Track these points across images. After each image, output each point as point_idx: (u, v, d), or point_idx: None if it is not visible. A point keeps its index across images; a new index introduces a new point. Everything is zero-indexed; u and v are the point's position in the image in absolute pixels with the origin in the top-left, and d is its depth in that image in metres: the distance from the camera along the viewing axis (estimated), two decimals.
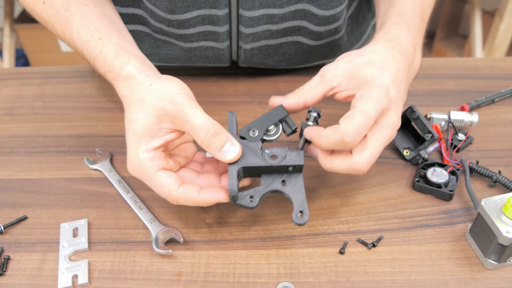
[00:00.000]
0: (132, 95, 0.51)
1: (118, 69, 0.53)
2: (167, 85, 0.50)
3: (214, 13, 0.66)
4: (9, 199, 0.60)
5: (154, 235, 0.54)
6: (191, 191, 0.49)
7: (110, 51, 0.54)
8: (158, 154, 0.50)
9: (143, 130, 0.49)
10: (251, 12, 0.66)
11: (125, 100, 0.53)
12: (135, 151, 0.50)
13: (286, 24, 0.69)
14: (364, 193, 0.60)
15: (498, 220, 0.49)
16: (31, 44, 2.10)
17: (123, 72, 0.53)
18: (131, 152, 0.50)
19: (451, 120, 0.67)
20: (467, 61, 0.84)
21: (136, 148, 0.50)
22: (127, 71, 0.52)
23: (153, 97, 0.49)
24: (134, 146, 0.50)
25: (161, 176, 0.49)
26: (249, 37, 0.69)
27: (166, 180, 0.49)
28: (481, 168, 0.61)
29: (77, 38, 0.57)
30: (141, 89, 0.51)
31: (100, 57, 0.54)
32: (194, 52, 0.73)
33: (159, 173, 0.49)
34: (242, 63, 0.76)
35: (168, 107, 0.48)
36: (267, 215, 0.57)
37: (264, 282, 0.51)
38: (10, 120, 0.72)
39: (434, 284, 0.50)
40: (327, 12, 0.68)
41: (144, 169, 0.49)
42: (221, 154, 0.49)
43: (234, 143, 0.49)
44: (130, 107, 0.51)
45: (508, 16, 1.78)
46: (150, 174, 0.49)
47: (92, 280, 0.51)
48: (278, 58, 0.75)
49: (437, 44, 2.44)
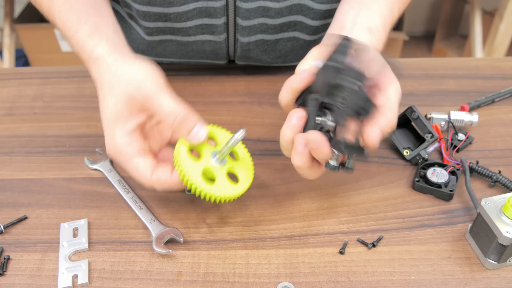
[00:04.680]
0: (102, 78, 0.52)
1: (89, 50, 0.54)
2: (134, 71, 0.51)
3: (211, 5, 0.67)
4: (9, 199, 0.60)
5: (154, 235, 0.54)
6: (164, 173, 0.50)
7: (84, 32, 0.55)
8: (135, 137, 0.51)
9: (116, 115, 0.50)
10: (248, 4, 0.67)
11: (96, 82, 0.53)
12: (112, 136, 0.51)
13: (283, 19, 0.70)
14: (364, 193, 0.60)
15: (498, 220, 0.49)
16: (31, 44, 2.10)
17: (93, 54, 0.53)
18: (108, 136, 0.51)
19: (451, 120, 0.67)
20: (467, 61, 0.84)
21: (112, 132, 0.51)
22: (97, 53, 0.53)
23: (120, 82, 0.50)
24: (110, 130, 0.51)
25: (137, 162, 0.50)
26: (245, 30, 0.70)
27: (141, 166, 0.50)
28: (481, 168, 0.61)
29: (58, 18, 0.58)
30: (109, 73, 0.51)
31: (75, 38, 0.56)
32: (191, 46, 0.74)
33: (135, 159, 0.50)
34: (239, 59, 0.76)
35: (135, 94, 0.49)
36: (267, 215, 0.57)
37: (264, 282, 0.51)
38: (10, 120, 0.72)
39: (434, 284, 0.50)
40: (323, 6, 0.69)
41: (121, 153, 0.50)
42: (190, 137, 0.50)
43: (201, 126, 0.50)
44: (101, 91, 0.52)
45: (508, 16, 1.78)
46: (127, 158, 0.50)
47: (92, 280, 0.51)
48: (274, 55, 0.76)
49: (437, 44, 2.44)
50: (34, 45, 2.10)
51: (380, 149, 0.66)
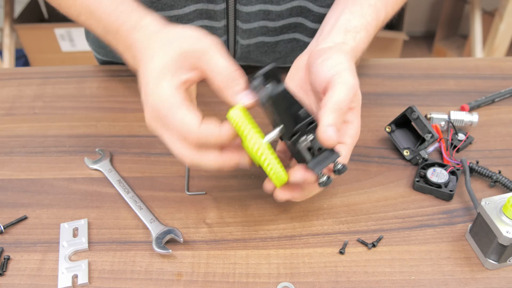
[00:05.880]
0: (150, 40, 0.50)
1: (137, 18, 0.52)
2: (190, 31, 0.49)
3: (211, 8, 0.67)
4: (9, 199, 0.60)
5: (154, 235, 0.54)
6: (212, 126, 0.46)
7: (128, 5, 0.54)
8: (182, 91, 0.47)
9: (165, 68, 0.47)
10: (248, 8, 0.67)
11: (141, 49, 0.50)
12: (156, 88, 0.46)
13: (283, 21, 0.70)
14: (364, 193, 0.60)
15: (498, 220, 0.49)
16: (31, 44, 2.10)
17: (142, 21, 0.52)
18: (150, 90, 0.47)
19: (451, 120, 0.67)
20: (467, 61, 0.84)
21: (158, 84, 0.46)
22: (146, 21, 0.52)
23: (175, 39, 0.49)
24: (155, 83, 0.47)
25: (183, 112, 0.45)
26: (246, 33, 0.70)
27: (187, 117, 0.45)
28: (481, 168, 0.61)
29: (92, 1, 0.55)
30: (162, 33, 0.50)
31: (117, 11, 0.53)
32: None
33: (181, 110, 0.46)
34: (239, 60, 0.76)
35: (190, 49, 0.47)
36: (267, 215, 0.57)
37: (264, 282, 0.51)
38: (10, 120, 0.72)
39: (434, 284, 0.50)
40: (323, 10, 0.69)
41: (165, 104, 0.46)
42: (236, 99, 0.47)
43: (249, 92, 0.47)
44: (147, 52, 0.49)
45: (508, 16, 1.78)
46: (172, 109, 0.45)
47: (92, 280, 0.51)
48: (274, 56, 0.76)
49: (437, 44, 2.44)
50: (34, 45, 2.10)
51: (380, 149, 0.66)
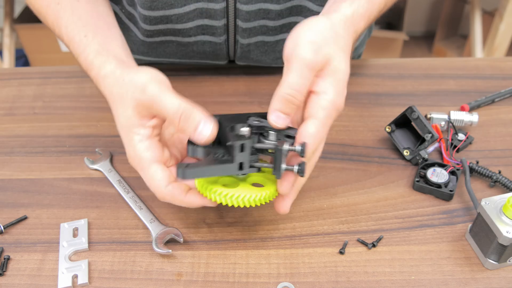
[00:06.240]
0: (112, 92, 0.52)
1: (98, 68, 0.54)
2: (138, 76, 0.50)
3: (211, 7, 0.67)
4: (9, 199, 0.60)
5: (154, 235, 0.54)
6: (178, 190, 0.49)
7: (92, 49, 0.55)
8: (154, 144, 0.50)
9: (128, 122, 0.50)
10: (248, 6, 0.67)
11: (108, 98, 0.53)
12: (130, 143, 0.50)
13: (283, 20, 0.70)
14: (364, 193, 0.60)
15: (498, 220, 0.49)
16: (31, 44, 2.10)
17: (101, 72, 0.54)
18: (127, 145, 0.51)
19: (451, 120, 0.67)
20: (467, 61, 0.84)
21: (130, 140, 0.50)
22: (105, 71, 0.53)
23: (127, 90, 0.50)
24: (128, 139, 0.51)
25: (154, 169, 0.49)
26: (246, 32, 0.70)
27: (158, 175, 0.49)
28: (481, 168, 0.61)
29: (65, 33, 0.58)
30: (118, 84, 0.52)
31: (83, 54, 0.56)
32: (192, 47, 0.74)
33: (153, 166, 0.49)
34: (239, 60, 0.76)
35: (140, 97, 0.49)
36: (267, 215, 0.57)
37: (264, 282, 0.51)
38: (10, 120, 0.72)
39: (434, 284, 0.50)
40: (322, 9, 0.68)
41: (140, 160, 0.50)
42: (196, 136, 0.47)
43: (207, 122, 0.47)
44: (114, 104, 0.52)
45: (508, 16, 1.78)
46: (145, 165, 0.49)
47: (92, 280, 0.51)
48: (274, 56, 0.76)
49: (437, 44, 2.44)
50: (34, 45, 2.10)
51: (380, 149, 0.66)
